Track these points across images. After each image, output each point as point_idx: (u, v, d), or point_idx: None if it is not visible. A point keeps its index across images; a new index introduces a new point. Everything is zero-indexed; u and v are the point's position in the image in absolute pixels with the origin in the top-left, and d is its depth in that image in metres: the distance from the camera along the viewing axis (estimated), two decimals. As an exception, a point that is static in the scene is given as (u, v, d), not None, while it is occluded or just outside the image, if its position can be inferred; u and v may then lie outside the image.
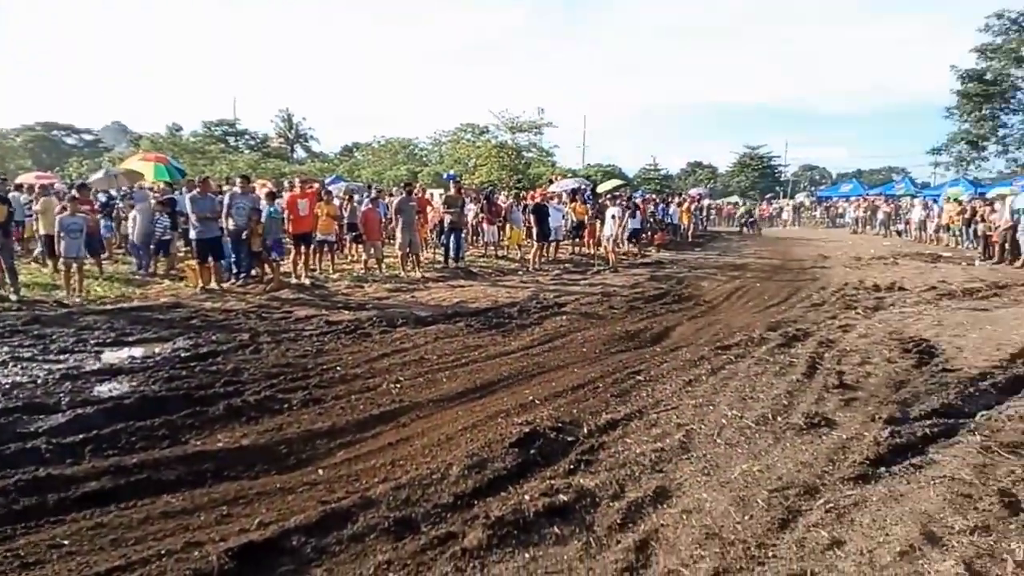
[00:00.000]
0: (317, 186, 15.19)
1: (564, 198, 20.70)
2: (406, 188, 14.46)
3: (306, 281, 11.75)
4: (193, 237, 10.99)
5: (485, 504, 3.77)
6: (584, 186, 24.22)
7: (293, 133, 59.48)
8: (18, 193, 15.40)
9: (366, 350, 7.34)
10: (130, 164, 18.34)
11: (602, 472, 4.21)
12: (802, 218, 42.73)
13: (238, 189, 11.82)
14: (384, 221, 15.24)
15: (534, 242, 16.16)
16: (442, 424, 5.15)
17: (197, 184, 11.77)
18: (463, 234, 15.89)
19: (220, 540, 3.33)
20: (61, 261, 10.53)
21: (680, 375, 6.33)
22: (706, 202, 35.87)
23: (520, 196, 18.29)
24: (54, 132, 56.68)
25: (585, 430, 4.88)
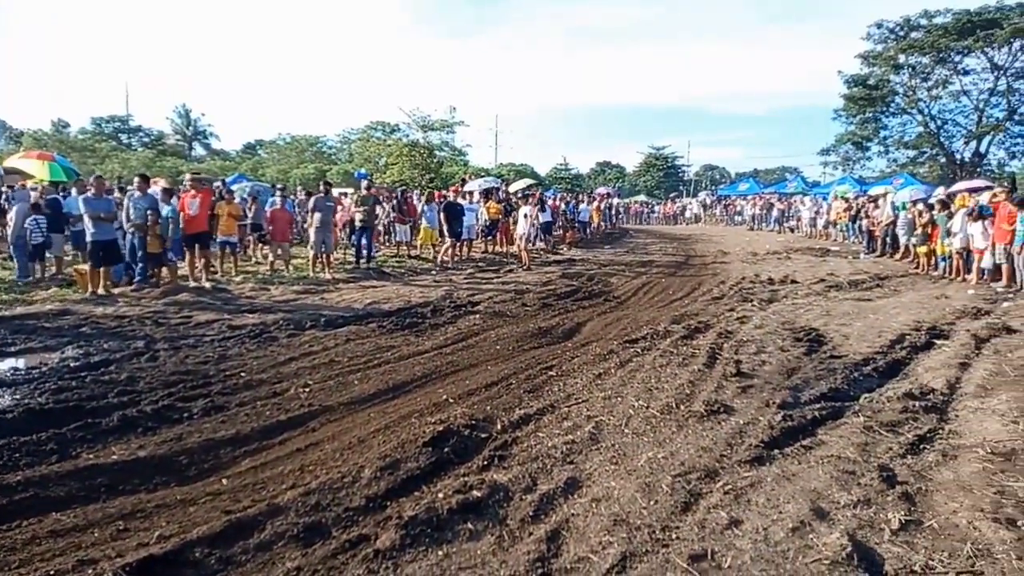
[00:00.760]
0: (215, 185, 14.58)
1: (477, 197, 20.77)
2: (324, 187, 14.11)
3: (206, 284, 11.26)
4: (88, 239, 10.31)
5: (398, 504, 3.75)
6: (497, 185, 24.33)
7: (191, 130, 56.88)
8: None
9: (272, 354, 7.13)
10: (16, 163, 16.91)
11: (515, 466, 4.27)
12: (703, 216, 44.52)
13: (137, 192, 11.17)
14: (294, 221, 14.84)
15: (446, 240, 16.11)
16: (354, 427, 5.07)
17: (90, 184, 11.06)
18: (374, 234, 15.66)
19: (116, 556, 3.17)
20: None
21: (590, 369, 6.49)
22: (615, 201, 36.76)
23: (432, 195, 18.14)
24: (-82, 127, 51.88)
25: (498, 426, 4.92)
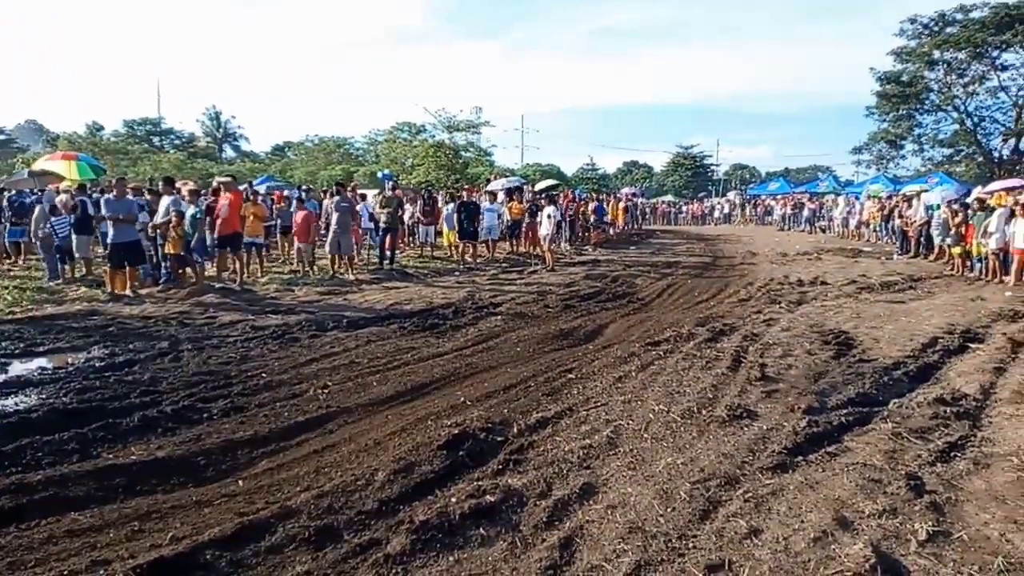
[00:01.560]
0: (243, 188, 14.75)
1: (501, 197, 20.72)
2: (337, 188, 14.18)
3: (235, 286, 11.39)
4: (108, 241, 10.49)
5: (411, 509, 3.71)
6: (521, 185, 24.26)
7: (221, 132, 57.78)
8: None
9: (293, 355, 7.16)
10: (44, 164, 17.29)
11: (530, 471, 4.21)
12: (732, 216, 43.98)
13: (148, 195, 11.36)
14: (318, 222, 14.96)
15: (462, 241, 16.09)
16: (370, 429, 5.06)
17: (113, 186, 11.25)
18: (399, 235, 15.72)
19: (129, 557, 3.18)
20: None
21: (610, 372, 6.40)
22: (639, 200, 36.45)
23: (454, 196, 18.13)
24: (-38, 131, 53.53)
25: (515, 430, 4.87)
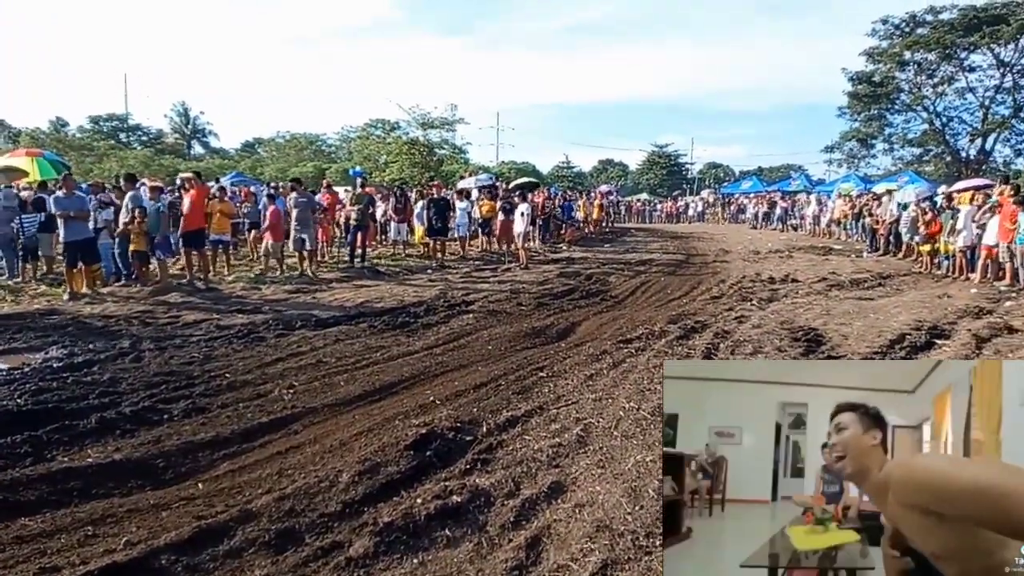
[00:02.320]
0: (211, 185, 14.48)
1: (475, 195, 20.63)
2: (294, 184, 14.03)
3: (200, 284, 11.16)
4: (61, 239, 10.19)
5: (375, 510, 3.64)
6: (492, 183, 24.19)
7: (190, 128, 56.82)
8: None
9: (259, 355, 7.02)
10: (7, 160, 16.78)
11: (498, 471, 4.15)
12: (706, 215, 44.35)
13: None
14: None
15: (431, 238, 16.00)
16: (336, 429, 4.96)
17: (61, 183, 10.95)
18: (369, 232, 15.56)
19: (80, 563, 3.06)
20: None
21: (582, 370, 6.36)
22: (612, 198, 36.53)
23: (423, 193, 17.99)
24: (-82, 126, 51.87)
25: (484, 429, 4.80)
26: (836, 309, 9.63)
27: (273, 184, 17.66)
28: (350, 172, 28.11)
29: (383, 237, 18.77)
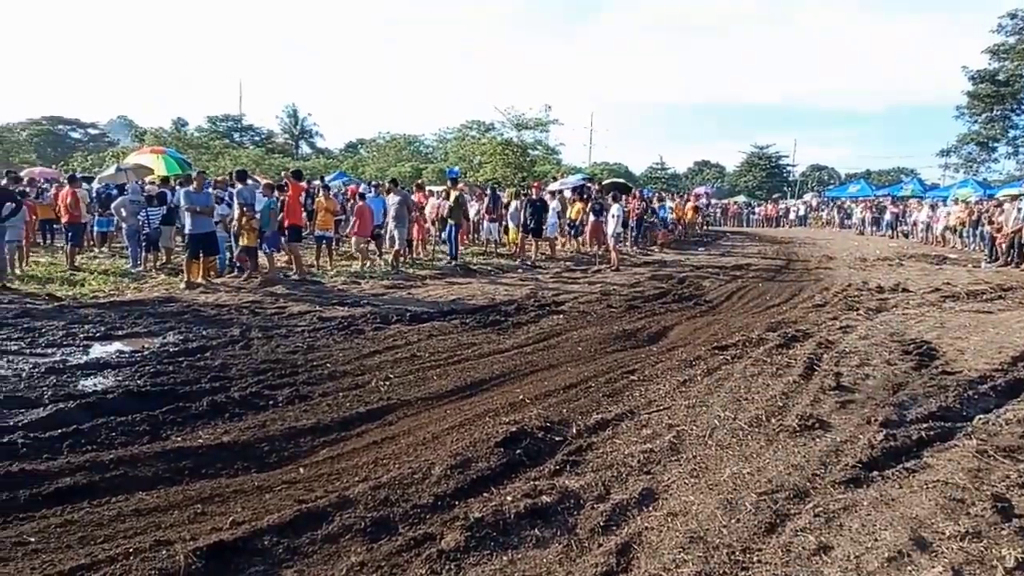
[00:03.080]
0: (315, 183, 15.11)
1: (568, 195, 20.59)
2: (392, 183, 14.43)
3: (293, 276, 11.70)
4: (187, 232, 10.91)
5: (466, 505, 3.68)
6: (585, 184, 24.04)
7: (298, 129, 59.52)
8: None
9: (358, 347, 7.26)
10: (135, 158, 18.11)
11: (588, 473, 4.11)
12: (808, 219, 42.49)
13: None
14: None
15: (530, 238, 16.03)
16: (429, 423, 5.06)
17: (193, 179, 11.70)
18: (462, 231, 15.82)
19: (190, 539, 3.24)
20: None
21: (675, 375, 6.22)
22: (702, 201, 35.46)
23: (518, 192, 18.08)
24: (60, 126, 56.74)
25: (574, 430, 4.78)
26: (951, 322, 8.99)
27: (375, 183, 18.21)
28: (446, 172, 28.66)
29: (476, 236, 19.02)
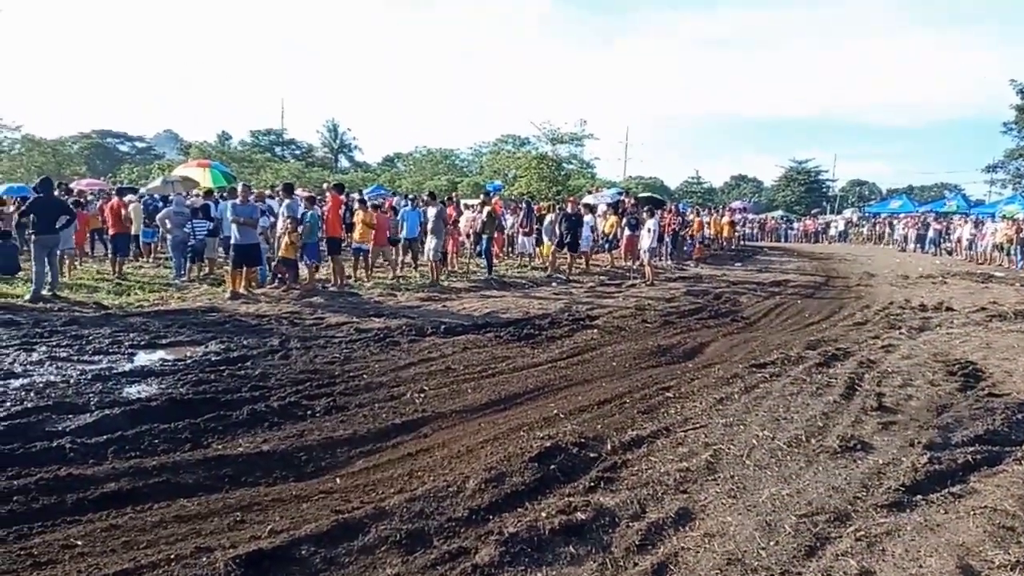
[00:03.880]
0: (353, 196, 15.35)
1: (602, 209, 20.55)
2: (430, 196, 14.60)
3: (332, 287, 11.89)
4: (232, 243, 11.16)
5: (500, 519, 3.68)
6: (619, 199, 23.97)
7: (337, 143, 60.55)
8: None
9: (393, 358, 7.33)
10: (182, 171, 18.63)
11: (623, 490, 4.08)
12: (848, 234, 41.70)
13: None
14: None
15: (565, 252, 16.01)
16: (463, 436, 5.08)
17: (237, 192, 11.99)
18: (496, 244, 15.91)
19: (230, 547, 3.30)
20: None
21: (711, 393, 6.14)
22: (739, 216, 35.01)
23: (552, 206, 18.10)
24: (108, 139, 58.65)
25: (608, 446, 4.75)
26: (998, 342, 8.74)
27: (411, 196, 18.43)
28: (486, 186, 28.84)
29: (510, 249, 19.09)
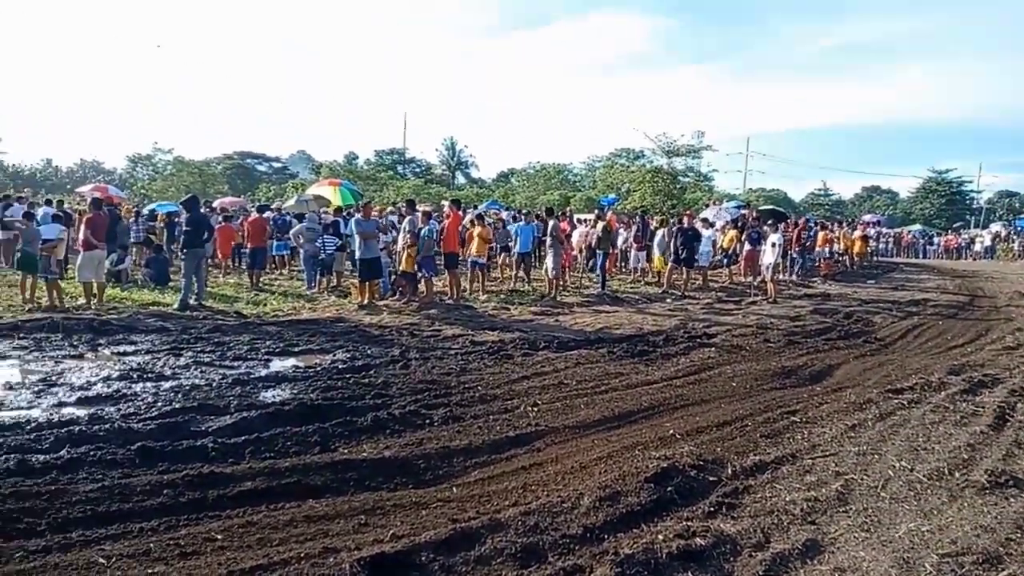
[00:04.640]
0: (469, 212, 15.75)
1: (720, 224, 19.96)
2: (548, 211, 14.71)
3: (447, 300, 12.23)
4: (357, 256, 11.76)
5: (615, 539, 3.63)
6: (738, 213, 23.16)
7: (455, 160, 62.37)
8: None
9: (507, 371, 7.43)
10: (315, 190, 19.81)
11: (745, 518, 3.92)
12: (996, 250, 38.15)
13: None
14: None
15: (680, 268, 15.63)
16: (577, 452, 5.07)
17: (360, 209, 12.64)
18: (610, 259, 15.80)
19: (355, 549, 3.44)
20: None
21: (842, 419, 5.78)
22: (872, 231, 32.69)
23: (665, 220, 17.73)
24: (248, 160, 63.28)
25: (729, 471, 4.58)
26: None
27: (524, 211, 18.69)
28: (599, 200, 28.72)
29: (623, 264, 18.89)
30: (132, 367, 7.10)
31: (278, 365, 7.58)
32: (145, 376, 6.77)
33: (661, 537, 3.60)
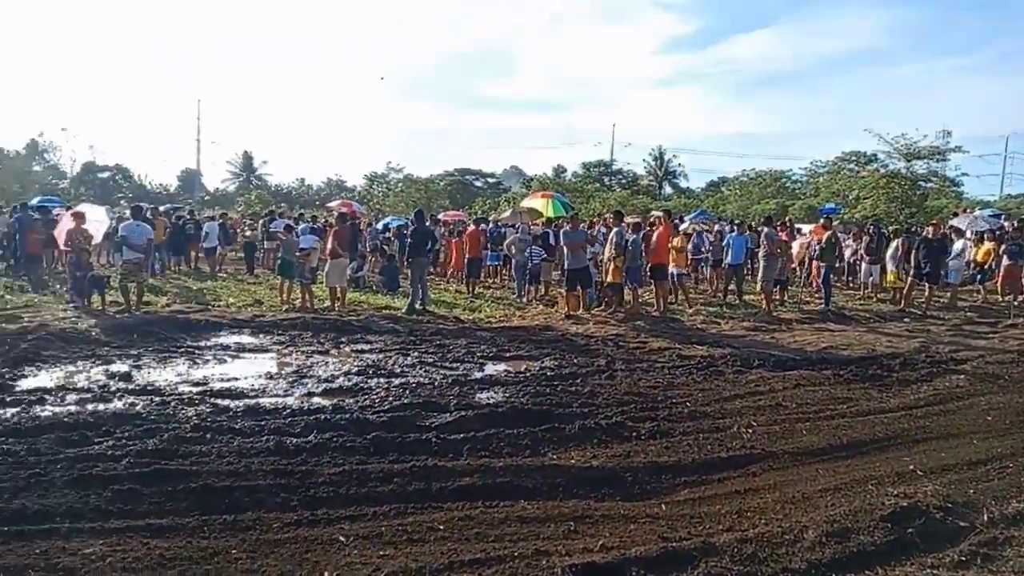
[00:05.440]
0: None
1: (970, 234, 17.54)
2: (766, 220, 13.91)
3: (655, 313, 12.04)
4: (564, 267, 12.01)
5: (845, 580, 3.32)
6: (996, 222, 20.15)
7: (662, 171, 61.38)
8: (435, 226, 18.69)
9: (717, 388, 7.12)
10: (528, 202, 20.60)
11: (1007, 573, 3.39)
12: None
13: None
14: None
15: (923, 283, 13.88)
16: (798, 480, 4.72)
17: (567, 221, 12.89)
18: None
19: (565, 554, 3.49)
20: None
21: None
22: None
23: (899, 231, 15.91)
24: (467, 176, 67.44)
25: (985, 517, 3.99)
26: None
27: (737, 220, 17.89)
28: (820, 209, 26.64)
29: (851, 278, 17.30)
30: (368, 364, 7.89)
31: (491, 368, 7.99)
32: (379, 372, 7.49)
33: (901, 584, 3.22)
